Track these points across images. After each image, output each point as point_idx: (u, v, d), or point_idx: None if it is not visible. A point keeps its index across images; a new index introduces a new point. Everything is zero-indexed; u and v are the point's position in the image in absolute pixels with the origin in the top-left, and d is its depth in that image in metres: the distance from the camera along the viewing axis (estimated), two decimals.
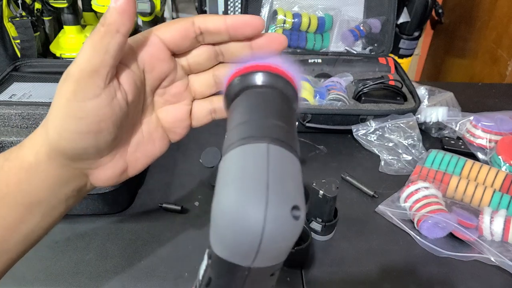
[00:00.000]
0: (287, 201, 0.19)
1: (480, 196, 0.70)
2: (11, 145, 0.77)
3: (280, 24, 1.09)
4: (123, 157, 0.32)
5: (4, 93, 0.89)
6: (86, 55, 0.27)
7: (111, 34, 0.27)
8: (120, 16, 0.26)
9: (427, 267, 0.63)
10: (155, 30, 0.31)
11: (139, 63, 0.30)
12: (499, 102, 1.05)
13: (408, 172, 0.79)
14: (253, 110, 0.23)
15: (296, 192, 0.20)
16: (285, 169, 0.20)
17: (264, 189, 0.19)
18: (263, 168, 0.19)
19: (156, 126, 0.34)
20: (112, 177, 0.32)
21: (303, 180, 0.23)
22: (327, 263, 0.63)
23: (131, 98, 0.30)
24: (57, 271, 0.60)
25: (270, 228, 0.19)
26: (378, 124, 0.86)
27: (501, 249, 0.63)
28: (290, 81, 0.25)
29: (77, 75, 0.27)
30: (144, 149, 0.33)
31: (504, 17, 1.31)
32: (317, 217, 0.64)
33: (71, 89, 0.27)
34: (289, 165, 0.21)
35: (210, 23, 0.30)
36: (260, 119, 0.22)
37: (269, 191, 0.19)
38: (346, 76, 0.98)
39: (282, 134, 0.21)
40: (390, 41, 1.10)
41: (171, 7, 1.55)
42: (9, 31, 1.12)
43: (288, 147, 0.21)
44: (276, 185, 0.19)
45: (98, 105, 0.27)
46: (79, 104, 0.27)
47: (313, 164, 0.83)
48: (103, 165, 0.31)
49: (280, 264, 0.22)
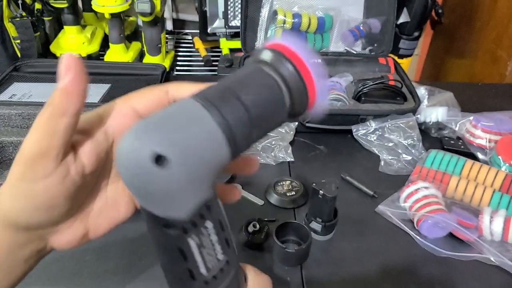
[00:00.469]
0: (154, 149, 0.20)
1: (480, 196, 0.70)
2: (11, 145, 0.77)
3: (280, 25, 1.09)
4: (84, 223, 0.31)
5: (4, 93, 0.89)
6: (34, 137, 0.26)
7: (58, 117, 0.25)
8: (66, 97, 0.25)
9: (427, 267, 0.63)
10: (128, 100, 0.30)
11: (108, 134, 0.30)
12: (499, 102, 1.05)
13: (408, 172, 0.79)
14: (230, 78, 0.25)
15: (176, 143, 0.21)
16: (184, 123, 0.22)
17: (148, 130, 0.21)
18: (168, 115, 0.22)
19: (122, 192, 0.33)
20: (72, 241, 0.31)
21: (303, 180, 0.23)
22: (327, 262, 0.63)
23: (90, 169, 0.29)
24: (57, 271, 0.60)
25: (131, 165, 0.21)
26: (378, 124, 0.86)
27: (501, 249, 0.63)
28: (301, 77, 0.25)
29: (26, 157, 0.26)
30: (107, 214, 0.32)
31: (504, 17, 1.31)
32: (317, 217, 0.64)
33: (21, 170, 0.26)
34: (193, 121, 0.22)
35: (184, 91, 0.30)
36: (224, 85, 0.24)
37: (148, 133, 0.21)
38: (346, 76, 0.98)
39: (219, 100, 0.23)
40: (390, 41, 1.10)
41: (171, 8, 1.55)
42: (9, 31, 1.12)
43: (213, 111, 0.22)
44: (158, 130, 0.21)
45: (49, 184, 0.26)
46: (28, 185, 0.26)
47: (313, 164, 0.83)
48: (60, 231, 0.30)
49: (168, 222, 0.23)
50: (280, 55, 0.25)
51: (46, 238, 0.30)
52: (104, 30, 1.37)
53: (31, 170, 0.26)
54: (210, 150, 0.23)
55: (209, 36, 1.38)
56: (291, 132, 0.85)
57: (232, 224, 0.27)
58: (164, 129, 0.21)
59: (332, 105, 0.88)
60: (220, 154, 0.23)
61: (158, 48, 1.26)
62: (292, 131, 0.85)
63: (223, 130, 0.23)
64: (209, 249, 0.26)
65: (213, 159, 0.23)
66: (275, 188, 0.74)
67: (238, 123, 0.23)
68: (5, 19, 1.11)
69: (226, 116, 0.23)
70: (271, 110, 0.25)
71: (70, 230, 0.30)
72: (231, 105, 0.23)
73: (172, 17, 1.56)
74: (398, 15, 1.44)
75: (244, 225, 0.64)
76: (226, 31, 1.34)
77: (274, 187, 0.74)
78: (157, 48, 1.26)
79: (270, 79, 0.25)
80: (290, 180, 0.76)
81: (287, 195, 0.73)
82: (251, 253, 0.63)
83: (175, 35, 1.55)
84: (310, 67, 0.25)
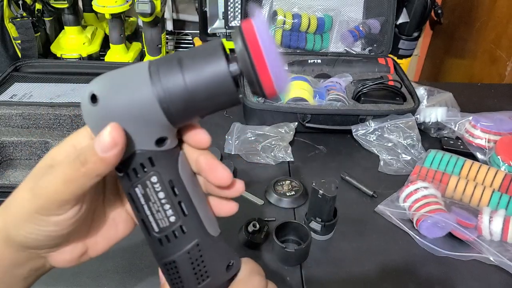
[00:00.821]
0: (91, 89, 0.26)
1: (479, 196, 0.70)
2: (12, 145, 0.77)
3: (280, 25, 1.09)
4: (82, 241, 0.32)
5: (5, 94, 0.89)
6: (57, 186, 0.26)
7: (91, 178, 0.26)
8: (105, 166, 0.26)
9: (426, 266, 0.64)
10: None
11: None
12: (498, 102, 1.05)
13: (407, 172, 0.79)
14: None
15: (107, 85, 0.26)
16: (124, 73, 0.26)
17: (97, 79, 0.27)
18: (120, 69, 0.27)
19: (120, 210, 0.33)
20: (70, 260, 0.32)
21: (303, 180, 0.23)
22: (326, 262, 0.64)
23: (91, 200, 0.30)
24: (58, 271, 0.60)
25: (81, 103, 0.27)
26: (377, 124, 0.86)
27: (500, 249, 0.64)
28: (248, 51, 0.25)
29: (44, 200, 0.27)
30: (106, 233, 0.33)
31: (503, 18, 1.31)
32: (317, 217, 0.64)
33: (37, 205, 0.27)
34: (133, 73, 0.26)
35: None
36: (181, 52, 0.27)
37: (96, 80, 0.26)
38: (346, 76, 0.99)
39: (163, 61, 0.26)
40: (390, 42, 1.10)
41: (171, 8, 1.55)
42: (10, 31, 1.13)
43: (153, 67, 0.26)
44: (101, 78, 0.26)
45: (62, 219, 0.28)
46: (42, 217, 0.27)
47: (312, 164, 0.83)
48: (60, 249, 0.31)
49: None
50: (238, 30, 0.25)
51: (45, 257, 0.31)
52: (104, 30, 1.37)
53: (49, 208, 0.27)
54: (138, 99, 0.25)
55: (209, 36, 1.38)
56: (291, 132, 0.85)
57: (232, 224, 0.28)
58: (106, 77, 0.26)
59: (332, 105, 0.88)
60: (149, 106, 0.25)
61: (158, 49, 1.26)
62: (292, 131, 0.85)
63: (153, 84, 0.25)
64: (157, 205, 0.28)
65: (141, 108, 0.25)
66: (275, 188, 0.74)
67: (170, 82, 0.25)
68: (6, 19, 1.11)
69: (161, 73, 0.25)
70: (211, 79, 0.25)
71: (68, 249, 0.31)
72: (170, 66, 0.25)
73: (172, 17, 1.57)
74: (397, 16, 1.45)
75: (244, 225, 0.64)
76: (226, 31, 1.34)
77: (274, 187, 0.74)
78: (158, 48, 1.26)
79: (218, 50, 0.25)
80: (290, 180, 0.76)
81: (287, 195, 0.73)
82: (251, 252, 0.64)
83: (175, 35, 1.55)
84: (263, 46, 0.24)
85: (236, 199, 0.33)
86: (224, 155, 0.83)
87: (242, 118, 0.92)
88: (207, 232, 0.30)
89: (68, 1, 1.19)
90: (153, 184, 0.28)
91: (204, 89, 0.25)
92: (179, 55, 0.26)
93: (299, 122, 0.88)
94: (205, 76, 0.25)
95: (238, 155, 0.83)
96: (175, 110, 0.26)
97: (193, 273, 0.29)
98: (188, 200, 0.29)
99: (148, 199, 0.28)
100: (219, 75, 0.25)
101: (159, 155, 0.28)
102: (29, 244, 0.29)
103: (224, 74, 0.25)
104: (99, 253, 0.33)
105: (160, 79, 0.25)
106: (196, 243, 0.29)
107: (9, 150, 0.78)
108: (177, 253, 0.29)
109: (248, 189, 0.74)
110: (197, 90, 0.25)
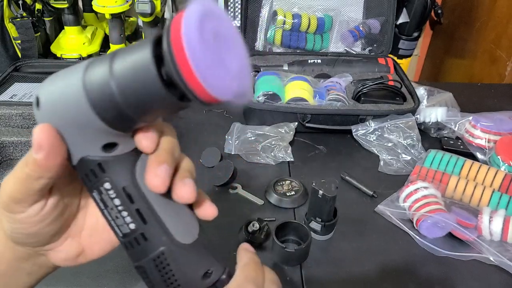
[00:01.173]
0: (37, 92, 0.26)
1: (479, 196, 0.70)
2: (12, 145, 0.77)
3: (280, 25, 1.09)
4: (76, 242, 0.32)
5: (5, 93, 0.89)
6: (13, 186, 0.27)
7: (34, 179, 0.26)
8: (40, 169, 0.26)
9: (426, 266, 0.64)
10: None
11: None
12: (498, 102, 1.05)
13: (407, 172, 0.79)
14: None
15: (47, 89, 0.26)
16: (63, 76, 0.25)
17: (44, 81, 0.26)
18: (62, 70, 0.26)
19: None
20: (66, 259, 0.32)
21: (303, 180, 0.23)
22: (326, 262, 0.64)
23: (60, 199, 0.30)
24: (58, 271, 0.60)
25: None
26: (377, 124, 0.86)
27: (500, 249, 0.64)
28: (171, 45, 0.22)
29: (8, 195, 0.27)
30: (101, 236, 0.33)
31: (503, 18, 1.31)
32: (317, 217, 0.64)
33: (2, 202, 0.28)
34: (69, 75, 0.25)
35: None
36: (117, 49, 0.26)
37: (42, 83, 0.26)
38: (346, 76, 0.99)
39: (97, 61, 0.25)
40: (390, 42, 1.10)
41: (171, 8, 1.55)
42: (10, 31, 1.13)
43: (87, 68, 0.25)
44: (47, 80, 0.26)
45: (26, 216, 0.28)
46: (7, 214, 0.28)
47: (312, 164, 0.83)
48: (55, 249, 0.31)
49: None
50: (168, 26, 0.22)
51: (44, 254, 0.31)
52: (104, 30, 1.37)
53: (9, 206, 0.28)
54: (72, 102, 0.24)
55: None
56: (291, 132, 0.85)
57: (232, 224, 0.28)
58: (49, 78, 0.26)
59: (332, 105, 0.88)
60: (81, 108, 0.24)
61: None
62: (292, 131, 0.85)
63: (84, 86, 0.24)
64: (115, 212, 0.28)
65: (75, 110, 0.24)
66: (275, 188, 0.74)
67: (98, 82, 0.23)
68: (6, 19, 1.11)
69: (91, 74, 0.24)
70: (139, 79, 0.23)
71: (62, 248, 0.31)
72: (101, 66, 0.24)
73: (173, 17, 1.57)
74: (397, 16, 1.45)
75: (244, 225, 0.64)
76: None
77: (274, 187, 0.74)
78: None
79: (147, 43, 0.23)
80: (290, 180, 0.76)
81: (287, 195, 0.73)
82: None
83: None
84: (189, 47, 0.21)
85: (236, 199, 0.32)
86: (224, 155, 0.83)
87: (242, 118, 0.92)
88: (175, 240, 0.28)
89: (68, 1, 1.19)
90: (107, 190, 0.27)
91: (130, 84, 0.23)
92: (118, 51, 0.24)
93: (299, 122, 0.88)
94: (129, 68, 0.23)
95: (238, 155, 0.83)
96: (104, 108, 0.24)
97: (163, 280, 0.28)
98: (148, 208, 0.28)
99: (106, 205, 0.28)
100: (142, 68, 0.22)
101: (111, 161, 0.27)
102: (14, 240, 0.30)
103: (147, 68, 0.22)
104: (96, 255, 0.33)
105: (89, 75, 0.24)
106: (162, 252, 0.28)
107: (9, 150, 0.78)
108: (144, 259, 0.28)
109: (248, 189, 0.74)
110: (122, 85, 0.23)
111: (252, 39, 1.11)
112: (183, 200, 0.27)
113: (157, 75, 0.22)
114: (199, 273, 0.29)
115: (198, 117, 0.95)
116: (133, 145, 0.27)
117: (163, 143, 0.28)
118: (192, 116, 0.95)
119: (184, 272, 0.28)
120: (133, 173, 0.27)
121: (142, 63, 0.22)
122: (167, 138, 0.28)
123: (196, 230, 0.30)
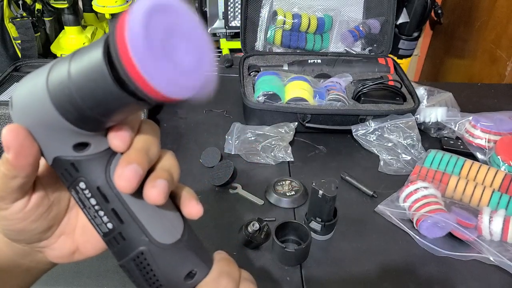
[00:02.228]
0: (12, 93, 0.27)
1: (479, 196, 0.70)
2: None
3: (280, 25, 1.09)
4: (70, 239, 0.32)
5: (5, 94, 0.89)
6: None
7: (9, 178, 0.26)
8: (13, 168, 0.26)
9: (426, 266, 0.64)
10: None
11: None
12: (498, 102, 1.05)
13: (407, 172, 0.79)
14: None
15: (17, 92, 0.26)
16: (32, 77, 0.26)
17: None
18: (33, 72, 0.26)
19: None
20: (61, 256, 0.32)
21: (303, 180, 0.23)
22: (326, 262, 0.64)
23: (55, 197, 0.30)
24: (58, 271, 0.60)
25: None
26: (377, 124, 0.86)
27: (500, 249, 0.64)
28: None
29: None
30: (92, 233, 0.31)
31: (503, 18, 1.31)
32: (317, 217, 0.65)
33: None
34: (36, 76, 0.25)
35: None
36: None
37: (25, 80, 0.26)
38: (346, 76, 0.99)
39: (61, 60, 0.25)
40: (390, 42, 1.10)
41: None
42: (10, 31, 1.13)
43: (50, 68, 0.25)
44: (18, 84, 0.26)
45: (10, 213, 0.28)
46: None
47: (312, 164, 0.83)
48: (49, 246, 0.31)
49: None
50: (115, 23, 0.22)
51: (41, 251, 0.32)
52: (104, 30, 1.37)
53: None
54: (38, 103, 0.25)
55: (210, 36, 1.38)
56: (291, 132, 0.85)
57: (232, 224, 0.27)
58: (22, 81, 0.26)
59: (332, 105, 0.88)
60: (46, 109, 0.24)
61: None
62: (292, 131, 0.85)
63: (47, 88, 0.24)
64: (93, 211, 0.28)
65: (41, 111, 0.25)
66: (275, 188, 0.74)
67: (58, 83, 0.23)
68: (6, 19, 1.11)
69: (53, 76, 0.24)
70: (93, 80, 0.22)
71: (56, 246, 0.31)
72: (61, 67, 0.24)
73: None
74: (397, 16, 1.45)
75: (244, 225, 0.64)
76: (226, 31, 1.34)
77: (274, 187, 0.75)
78: None
79: (99, 47, 0.22)
80: (290, 180, 0.76)
81: (287, 195, 0.73)
82: (251, 252, 0.64)
83: None
84: (130, 41, 0.20)
85: (236, 199, 0.32)
86: (224, 155, 0.83)
87: (242, 118, 0.92)
88: (154, 240, 0.28)
89: (68, 1, 1.19)
90: (82, 190, 0.27)
91: (86, 85, 0.23)
92: (78, 49, 0.24)
93: (299, 122, 0.88)
94: (84, 68, 0.22)
95: (238, 155, 0.83)
96: (66, 109, 0.24)
97: (144, 279, 0.29)
98: (124, 208, 0.28)
99: (84, 204, 0.28)
100: (95, 68, 0.22)
101: (83, 160, 0.27)
102: (7, 237, 0.30)
103: (99, 68, 0.22)
104: (91, 253, 0.33)
105: (52, 76, 0.24)
106: (141, 251, 0.28)
107: None
108: (124, 259, 0.28)
109: (248, 189, 0.74)
110: (79, 86, 0.23)
111: (252, 39, 1.11)
112: (151, 202, 0.26)
113: (109, 75, 0.22)
114: (181, 273, 0.28)
115: (198, 117, 0.95)
116: (107, 144, 0.27)
117: (136, 142, 0.27)
118: (192, 116, 0.95)
119: (165, 272, 0.28)
120: (108, 173, 0.27)
121: (95, 63, 0.22)
122: (142, 136, 0.27)
123: (180, 230, 0.29)
